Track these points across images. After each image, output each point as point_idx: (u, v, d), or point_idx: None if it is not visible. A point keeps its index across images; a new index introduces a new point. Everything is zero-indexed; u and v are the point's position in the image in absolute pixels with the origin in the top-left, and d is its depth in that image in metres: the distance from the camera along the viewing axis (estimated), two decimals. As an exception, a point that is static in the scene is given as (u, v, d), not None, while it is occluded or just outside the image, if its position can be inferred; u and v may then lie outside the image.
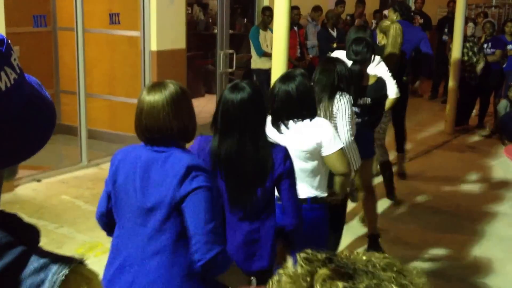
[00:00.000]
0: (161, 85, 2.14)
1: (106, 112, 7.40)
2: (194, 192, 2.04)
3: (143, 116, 2.12)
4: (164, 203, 2.07)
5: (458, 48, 8.20)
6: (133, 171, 2.15)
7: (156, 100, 2.10)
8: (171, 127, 2.10)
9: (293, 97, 2.92)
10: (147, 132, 2.14)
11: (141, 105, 2.13)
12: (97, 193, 5.52)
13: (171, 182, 2.06)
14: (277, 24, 4.83)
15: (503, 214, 5.58)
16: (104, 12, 7.06)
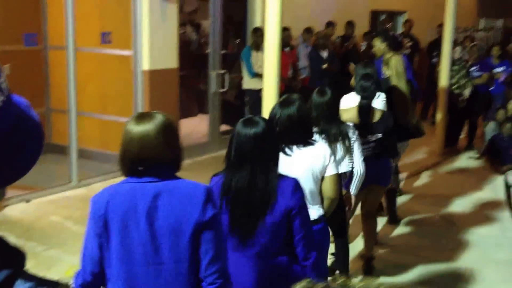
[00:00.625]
0: (149, 115, 2.12)
1: (97, 131, 7.37)
2: (215, 218, 2.07)
3: (133, 146, 2.05)
4: (184, 231, 2.03)
5: (446, 70, 8.30)
6: (132, 207, 2.06)
7: (147, 129, 2.05)
8: (164, 156, 2.07)
9: (294, 121, 3.02)
10: (139, 162, 2.07)
11: (130, 135, 2.07)
12: (87, 214, 5.48)
13: (194, 208, 2.04)
14: (269, 45, 4.87)
15: (493, 235, 5.60)
16: (96, 31, 7.09)
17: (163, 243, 2.05)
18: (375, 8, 11.77)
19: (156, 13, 6.79)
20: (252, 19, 8.59)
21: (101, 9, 7.18)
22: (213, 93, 8.03)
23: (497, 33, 15.38)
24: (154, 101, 6.94)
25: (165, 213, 2.04)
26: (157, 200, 2.05)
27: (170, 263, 2.05)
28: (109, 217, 2.07)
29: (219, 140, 8.19)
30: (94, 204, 2.12)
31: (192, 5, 11.29)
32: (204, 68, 8.34)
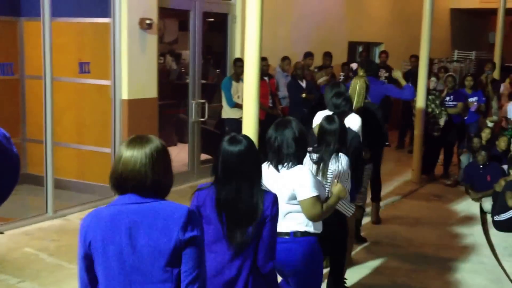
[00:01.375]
0: (141, 139, 2.16)
1: (74, 161, 7.30)
2: (195, 239, 2.10)
3: (119, 167, 2.12)
4: (164, 251, 2.07)
5: (422, 100, 8.44)
6: (111, 229, 2.10)
7: (134, 154, 2.11)
8: (148, 180, 2.10)
9: (293, 141, 3.20)
10: (123, 182, 2.12)
11: (119, 156, 2.14)
12: (63, 245, 5.44)
13: (173, 227, 2.07)
14: (248, 74, 4.91)
15: (469, 262, 5.63)
16: (74, 61, 7.07)
17: (144, 263, 2.08)
18: (352, 39, 11.97)
19: (135, 43, 6.81)
20: (232, 50, 8.67)
21: (79, 39, 7.18)
22: (193, 122, 8.03)
23: (470, 64, 15.73)
24: (133, 131, 6.90)
25: (146, 234, 2.08)
26: (139, 222, 2.09)
27: (151, 283, 2.09)
28: (92, 239, 2.11)
29: (199, 169, 8.17)
30: (81, 226, 2.16)
31: (172, 35, 11.39)
32: (184, 97, 8.35)
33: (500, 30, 12.17)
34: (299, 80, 8.85)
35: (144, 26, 6.82)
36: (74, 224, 6.14)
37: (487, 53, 16.14)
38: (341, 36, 11.47)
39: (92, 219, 2.14)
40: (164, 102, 8.23)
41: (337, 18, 11.34)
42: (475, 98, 9.18)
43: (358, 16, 12.01)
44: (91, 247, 2.11)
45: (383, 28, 12.96)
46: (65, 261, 5.11)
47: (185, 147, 8.39)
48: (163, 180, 2.15)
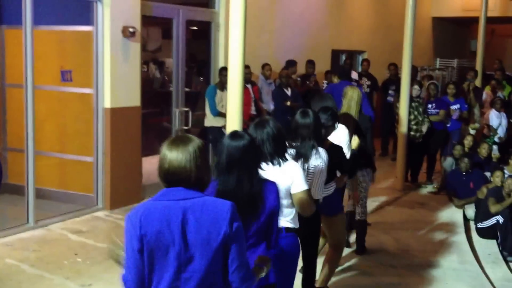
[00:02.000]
0: (183, 140, 2.35)
1: (55, 170, 7.22)
2: (239, 230, 2.31)
3: (165, 169, 2.30)
4: (213, 243, 2.25)
5: (405, 108, 8.49)
6: (165, 222, 2.24)
7: (179, 156, 2.29)
8: (193, 178, 2.30)
9: (271, 139, 3.31)
10: (171, 182, 2.31)
11: (163, 158, 2.32)
12: (44, 256, 5.36)
13: (222, 222, 2.26)
14: (231, 82, 4.90)
15: (453, 269, 5.66)
16: (56, 69, 7.01)
17: (195, 254, 2.25)
18: (336, 47, 12.03)
19: (118, 51, 6.77)
20: (215, 58, 8.66)
21: (61, 47, 7.13)
22: (176, 131, 7.99)
23: (453, 72, 15.90)
24: (116, 139, 6.85)
25: (196, 228, 2.25)
26: (188, 216, 2.25)
27: (201, 272, 2.26)
28: (146, 232, 2.24)
29: (181, 178, 8.11)
30: (129, 221, 2.29)
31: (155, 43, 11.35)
32: (167, 106, 8.31)
33: (482, 38, 12.31)
34: (284, 88, 8.86)
35: (127, 34, 6.79)
36: (55, 234, 6.06)
37: (469, 61, 16.33)
38: (324, 44, 11.52)
39: (143, 214, 2.27)
40: (148, 111, 8.18)
41: (321, 27, 11.40)
42: (457, 105, 9.26)
43: (341, 24, 12.08)
44: (145, 240, 2.24)
45: (366, 36, 13.05)
46: (46, 271, 5.04)
47: (169, 156, 8.33)
48: (205, 176, 2.36)
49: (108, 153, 6.82)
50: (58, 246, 5.72)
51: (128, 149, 7.06)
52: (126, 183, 7.05)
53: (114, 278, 4.96)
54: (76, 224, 6.38)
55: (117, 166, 6.90)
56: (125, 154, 6.99)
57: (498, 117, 9.91)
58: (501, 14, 15.65)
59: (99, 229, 6.35)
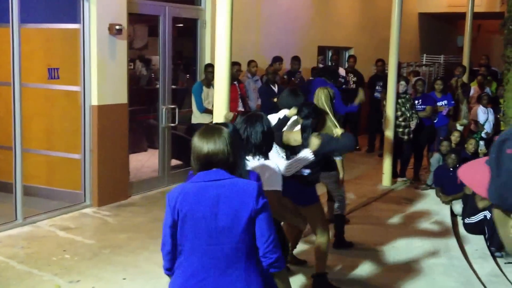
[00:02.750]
0: (215, 130, 2.63)
1: (43, 167, 7.22)
2: (266, 206, 2.58)
3: (201, 157, 2.57)
4: (242, 217, 2.52)
5: (392, 104, 8.55)
6: (198, 200, 2.54)
7: (213, 145, 2.57)
8: (225, 162, 2.59)
9: (262, 134, 3.43)
10: (205, 166, 2.58)
11: (197, 147, 2.59)
12: (32, 253, 5.38)
13: (249, 199, 2.54)
14: (218, 79, 4.94)
15: (440, 264, 5.71)
16: (43, 67, 7.00)
17: (225, 227, 2.53)
18: (322, 44, 12.08)
19: (105, 48, 6.78)
20: (201, 55, 8.68)
21: (48, 45, 7.12)
22: (163, 128, 8.01)
23: (439, 68, 16.00)
24: (103, 136, 6.87)
25: (226, 204, 2.53)
26: (219, 194, 2.54)
27: (230, 243, 2.54)
28: (181, 208, 2.55)
29: (169, 175, 8.14)
30: (169, 198, 2.60)
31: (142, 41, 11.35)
32: (154, 103, 8.33)
33: (468, 34, 12.40)
34: (271, 85, 8.89)
35: (114, 32, 6.79)
36: (43, 231, 6.07)
37: (455, 57, 16.44)
38: (311, 41, 11.56)
39: (180, 192, 2.58)
40: (134, 108, 8.19)
41: (307, 23, 11.44)
42: (444, 101, 9.34)
43: (327, 21, 12.13)
44: (180, 216, 2.55)
45: (352, 32, 13.11)
46: (35, 268, 5.06)
47: (156, 153, 8.37)
48: (237, 159, 2.65)
49: (95, 150, 6.84)
50: (47, 242, 5.74)
51: (116, 146, 7.07)
52: (113, 180, 7.06)
53: (102, 274, 5.00)
54: (64, 221, 6.39)
55: (105, 163, 6.92)
56: (112, 151, 7.01)
57: (485, 112, 10.01)
58: (487, 9, 15.79)
59: (87, 226, 6.37)
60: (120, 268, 5.14)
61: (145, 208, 7.04)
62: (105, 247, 5.64)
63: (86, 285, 4.78)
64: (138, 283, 4.83)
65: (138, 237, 5.96)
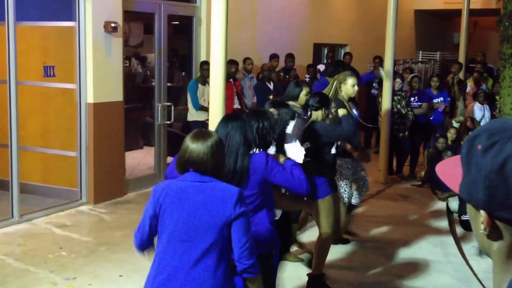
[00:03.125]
0: (204, 134, 2.71)
1: (39, 165, 7.22)
2: (244, 213, 2.63)
3: (185, 157, 2.66)
4: (218, 221, 2.60)
5: (387, 101, 8.57)
6: (179, 197, 2.64)
7: (198, 147, 2.65)
8: (208, 166, 2.65)
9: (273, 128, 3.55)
10: (188, 167, 2.68)
11: (185, 148, 2.68)
12: (29, 250, 5.38)
13: (227, 204, 2.61)
14: (214, 77, 4.94)
15: (436, 261, 5.72)
16: (39, 65, 7.00)
17: (201, 228, 2.61)
18: (318, 41, 12.09)
19: (100, 46, 6.78)
20: (197, 52, 8.68)
21: (44, 42, 7.12)
22: (159, 125, 8.01)
23: (435, 65, 16.02)
24: (99, 134, 6.87)
25: (205, 206, 2.61)
26: (199, 195, 2.63)
27: (204, 243, 2.60)
28: (163, 202, 2.66)
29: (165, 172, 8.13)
30: (154, 190, 2.72)
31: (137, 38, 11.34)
32: (149, 100, 8.33)
33: (465, 31, 12.42)
34: (267, 82, 8.90)
35: (109, 30, 6.79)
36: (40, 228, 6.08)
37: (451, 54, 16.46)
38: (306, 38, 11.57)
39: (164, 187, 2.69)
40: (130, 106, 8.19)
41: (303, 20, 11.45)
42: (440, 98, 9.36)
43: (323, 18, 12.14)
44: (161, 208, 2.65)
45: (348, 30, 13.12)
46: (31, 265, 5.07)
47: (151, 150, 8.37)
48: (220, 165, 2.73)
49: (91, 147, 6.84)
50: (43, 240, 5.75)
51: (111, 144, 7.08)
52: (109, 178, 7.07)
53: (98, 271, 5.01)
54: (61, 218, 6.40)
55: (101, 160, 6.92)
56: (108, 148, 7.01)
57: (481, 109, 10.03)
58: (483, 6, 15.80)
59: (84, 223, 6.37)
60: (117, 265, 5.15)
61: (141, 205, 7.00)
62: (101, 244, 5.65)
63: (82, 282, 4.79)
64: (134, 280, 4.83)
65: (134, 234, 5.96)
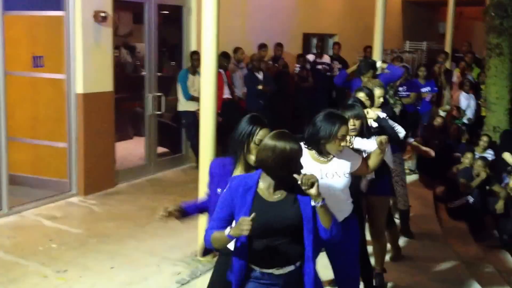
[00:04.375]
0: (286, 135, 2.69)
1: (28, 156, 7.16)
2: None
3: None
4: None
5: (377, 90, 8.58)
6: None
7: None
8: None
9: None
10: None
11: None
12: (18, 242, 5.35)
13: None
14: (205, 66, 4.92)
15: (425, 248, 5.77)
16: (27, 55, 6.93)
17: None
18: (307, 31, 12.08)
19: (89, 36, 6.72)
20: (187, 42, 8.63)
21: (32, 32, 7.03)
22: (149, 116, 7.98)
23: (422, 55, 16.09)
24: (89, 125, 6.83)
25: None
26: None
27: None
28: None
29: (156, 163, 8.13)
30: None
31: (126, 28, 11.24)
32: (140, 90, 8.28)
33: (451, 21, 12.47)
34: (256, 72, 8.89)
35: (99, 19, 6.73)
36: (29, 220, 6.04)
37: (437, 43, 16.53)
38: (296, 28, 11.55)
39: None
40: (120, 96, 8.14)
41: (292, 10, 11.42)
42: (427, 88, 9.42)
43: (312, 8, 12.11)
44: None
45: (337, 19, 13.10)
46: (21, 258, 5.04)
47: (142, 141, 8.34)
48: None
49: (81, 138, 6.80)
50: (33, 232, 5.71)
51: (101, 135, 7.04)
52: (99, 169, 7.04)
53: (89, 263, 4.99)
54: (50, 210, 6.36)
55: (91, 151, 6.88)
56: (98, 139, 6.97)
57: (467, 98, 10.12)
58: (469, -4, 15.84)
59: (73, 215, 6.34)
60: (108, 257, 5.13)
61: (132, 196, 7.03)
62: (92, 236, 5.63)
63: (73, 274, 4.77)
64: (126, 272, 4.83)
65: (125, 225, 5.95)
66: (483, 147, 8.16)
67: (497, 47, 8.80)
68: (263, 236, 2.68)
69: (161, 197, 6.85)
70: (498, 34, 8.71)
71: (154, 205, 6.30)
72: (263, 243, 2.70)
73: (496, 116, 8.96)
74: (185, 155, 8.72)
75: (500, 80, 8.88)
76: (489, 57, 8.97)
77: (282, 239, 2.70)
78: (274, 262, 2.73)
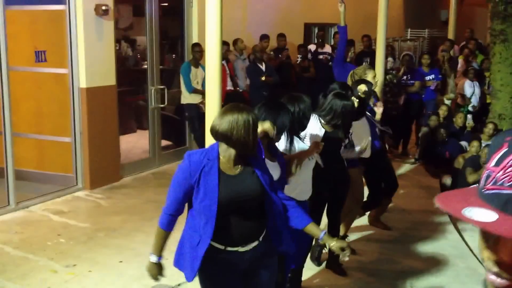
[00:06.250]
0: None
1: (34, 151, 7.15)
2: None
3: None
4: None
5: (380, 79, 8.54)
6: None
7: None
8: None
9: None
10: None
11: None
12: (27, 238, 5.35)
13: None
14: (209, 58, 4.89)
15: (432, 238, 5.76)
16: (30, 49, 6.90)
17: None
18: (308, 21, 12.02)
19: (91, 30, 6.68)
20: (188, 34, 8.59)
21: (34, 27, 7.00)
22: (152, 109, 7.96)
23: (424, 43, 16.02)
24: (92, 119, 6.81)
25: None
26: None
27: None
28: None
29: (160, 156, 8.12)
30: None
31: (126, 21, 11.19)
32: (142, 84, 8.26)
33: (453, 8, 12.39)
34: (258, 63, 8.85)
35: (100, 13, 6.69)
36: (37, 215, 6.04)
37: (438, 31, 16.46)
38: (297, 18, 11.50)
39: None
40: (123, 89, 8.12)
41: (293, 0, 11.36)
42: (432, 76, 9.37)
43: (313, -3, 12.06)
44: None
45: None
46: (30, 253, 5.04)
47: (145, 134, 8.33)
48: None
49: (85, 132, 6.79)
50: (41, 227, 5.71)
51: (105, 128, 7.02)
52: (104, 162, 7.03)
53: (98, 258, 4.99)
54: (57, 205, 6.36)
55: (95, 145, 6.87)
56: (102, 133, 6.96)
57: (471, 86, 10.05)
58: (470, -17, 15.77)
59: (80, 209, 6.34)
60: (116, 251, 5.13)
61: (138, 189, 7.03)
62: (99, 230, 5.63)
63: (82, 269, 4.77)
64: (134, 265, 4.82)
65: (132, 219, 5.95)
66: (488, 135, 8.12)
67: (501, 34, 8.72)
68: (229, 211, 2.70)
69: (166, 190, 6.76)
70: (502, 20, 8.63)
71: (160, 198, 6.26)
72: (228, 220, 2.72)
73: (502, 103, 8.90)
74: (189, 147, 8.72)
75: (505, 67, 8.81)
76: (493, 44, 8.89)
77: (247, 213, 2.74)
78: (239, 240, 2.75)
